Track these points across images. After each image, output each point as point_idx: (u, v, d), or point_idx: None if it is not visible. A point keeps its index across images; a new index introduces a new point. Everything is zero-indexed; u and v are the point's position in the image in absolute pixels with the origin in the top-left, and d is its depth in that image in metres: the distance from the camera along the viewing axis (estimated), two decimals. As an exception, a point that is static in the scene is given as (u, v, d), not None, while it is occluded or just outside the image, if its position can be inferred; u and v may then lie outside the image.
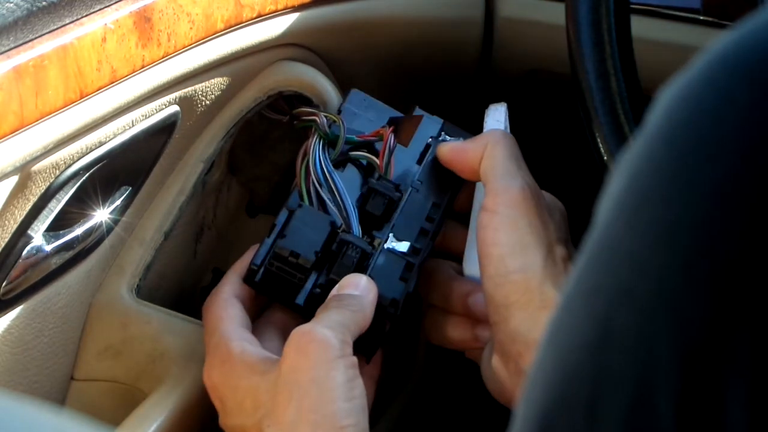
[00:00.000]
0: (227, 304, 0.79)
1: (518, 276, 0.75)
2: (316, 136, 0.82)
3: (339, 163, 0.83)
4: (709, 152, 0.36)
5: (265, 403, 0.72)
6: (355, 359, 0.72)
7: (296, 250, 0.77)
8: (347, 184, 0.82)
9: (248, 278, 0.79)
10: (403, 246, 0.80)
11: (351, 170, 0.83)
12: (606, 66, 0.79)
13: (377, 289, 0.77)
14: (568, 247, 0.79)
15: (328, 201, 0.80)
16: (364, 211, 0.81)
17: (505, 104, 0.85)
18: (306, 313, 0.78)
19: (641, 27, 0.86)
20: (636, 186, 0.38)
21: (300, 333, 0.72)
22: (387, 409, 1.15)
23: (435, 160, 0.84)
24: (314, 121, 0.83)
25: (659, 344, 0.35)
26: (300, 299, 0.78)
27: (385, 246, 0.79)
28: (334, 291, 0.77)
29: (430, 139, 0.86)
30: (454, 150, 0.82)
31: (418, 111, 0.87)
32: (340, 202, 0.80)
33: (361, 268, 0.78)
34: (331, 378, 0.70)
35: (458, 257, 0.85)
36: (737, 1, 0.94)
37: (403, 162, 0.84)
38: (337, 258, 0.78)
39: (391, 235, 0.80)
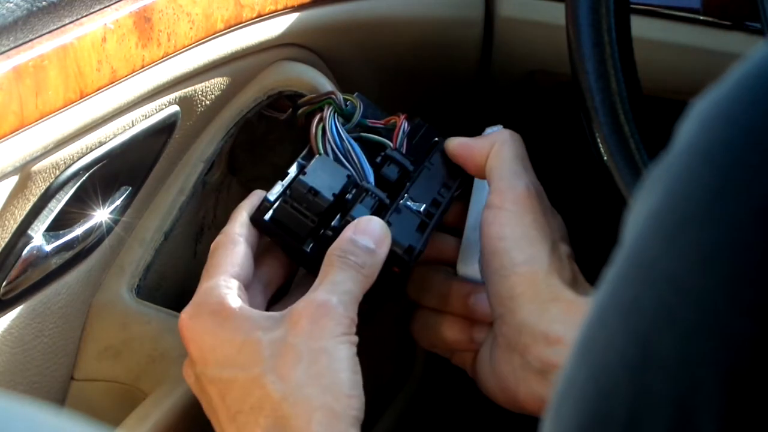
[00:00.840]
0: (234, 250, 0.77)
1: (524, 268, 0.75)
2: (331, 109, 0.83)
3: (356, 139, 0.84)
4: (752, 173, 0.35)
5: (266, 358, 0.71)
6: (357, 338, 0.73)
7: (316, 188, 0.76)
8: (365, 154, 0.82)
9: (256, 216, 0.78)
10: (419, 206, 0.80)
11: (367, 146, 0.84)
12: (606, 66, 0.79)
13: (390, 240, 0.76)
14: (570, 247, 0.79)
15: (343, 159, 0.80)
16: (379, 176, 0.81)
17: (500, 126, 0.86)
18: (310, 265, 0.77)
19: (641, 27, 0.86)
20: (675, 204, 0.37)
21: (316, 304, 0.72)
22: (387, 409, 1.15)
23: (443, 153, 0.85)
24: (331, 97, 0.83)
25: (702, 367, 0.35)
26: (308, 246, 0.77)
27: (401, 202, 0.79)
28: (348, 230, 0.75)
29: (437, 138, 0.86)
30: (462, 145, 0.83)
31: (419, 122, 0.88)
32: (356, 161, 0.80)
33: (381, 210, 0.78)
34: (341, 350, 0.71)
35: (449, 265, 0.85)
36: (737, 1, 0.94)
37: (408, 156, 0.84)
38: (355, 203, 0.77)
39: (406, 195, 0.80)
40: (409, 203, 0.80)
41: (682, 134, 0.38)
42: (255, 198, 0.79)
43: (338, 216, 0.78)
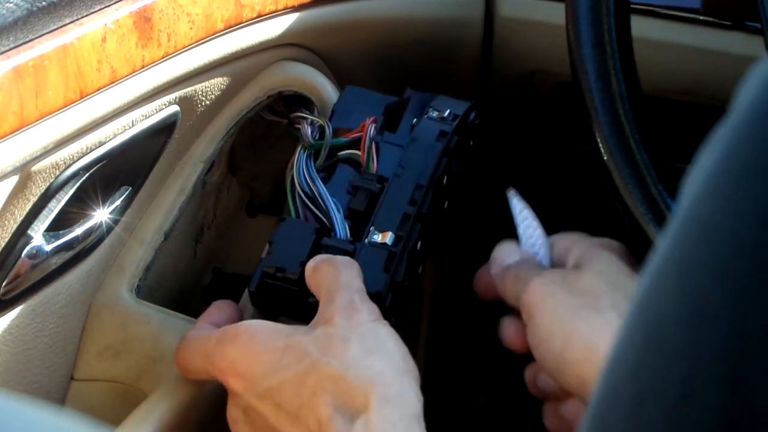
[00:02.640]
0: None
1: (570, 351, 0.74)
2: (300, 148, 0.83)
3: (331, 166, 0.83)
4: None
5: (313, 351, 0.71)
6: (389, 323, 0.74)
7: (281, 266, 0.78)
8: (339, 186, 0.82)
9: (255, 302, 0.80)
10: (387, 237, 0.80)
11: (344, 170, 0.83)
12: (606, 66, 0.79)
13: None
14: (627, 284, 0.77)
15: (313, 209, 0.80)
16: (351, 209, 0.81)
17: (513, 190, 0.84)
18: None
19: (641, 27, 0.86)
20: (735, 160, 0.37)
21: (342, 305, 0.73)
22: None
23: (416, 141, 0.84)
24: (298, 130, 0.84)
25: (755, 320, 0.35)
26: (312, 299, 0.78)
27: (366, 241, 0.79)
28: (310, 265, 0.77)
29: (415, 120, 0.85)
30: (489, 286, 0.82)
31: (409, 92, 0.87)
32: (324, 208, 0.80)
33: None
34: (382, 330, 0.73)
35: None
36: (737, 1, 0.94)
37: (391, 149, 0.84)
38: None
39: (372, 228, 0.80)
40: (375, 238, 0.79)
41: (742, 95, 0.38)
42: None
43: None
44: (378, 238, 0.79)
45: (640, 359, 0.38)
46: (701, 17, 0.96)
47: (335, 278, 0.75)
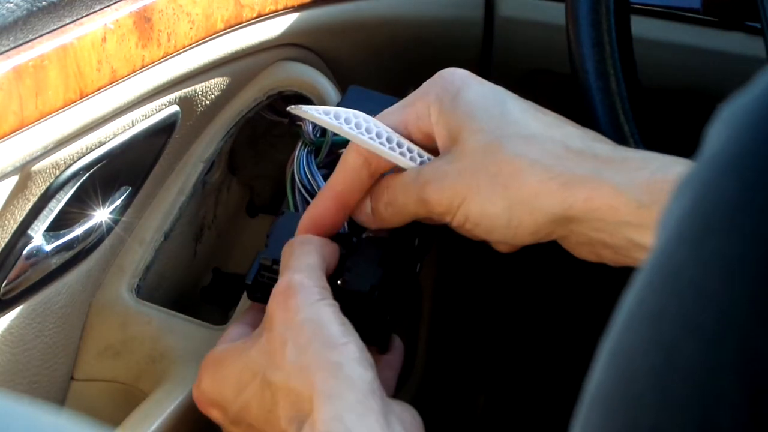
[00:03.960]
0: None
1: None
2: (301, 144, 0.83)
3: (332, 162, 0.84)
4: None
5: (260, 364, 0.71)
6: (335, 303, 0.72)
7: (277, 258, 0.78)
8: None
9: (251, 296, 0.80)
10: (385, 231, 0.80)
11: None
12: (606, 66, 0.79)
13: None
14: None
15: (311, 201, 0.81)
16: None
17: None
18: None
19: (641, 27, 0.86)
20: (701, 213, 0.37)
21: (281, 290, 0.72)
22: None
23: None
24: (299, 127, 0.84)
25: (725, 376, 0.35)
26: None
27: (363, 235, 0.79)
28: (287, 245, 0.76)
29: None
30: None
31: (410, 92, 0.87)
32: None
33: (344, 260, 0.78)
34: (320, 313, 0.70)
35: None
36: (737, 1, 0.94)
37: None
38: None
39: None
40: (370, 234, 0.80)
41: (710, 139, 0.38)
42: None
43: None
44: (371, 234, 0.79)
45: (610, 409, 0.38)
46: (701, 17, 0.96)
47: (287, 260, 0.74)
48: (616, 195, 0.68)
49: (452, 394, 1.25)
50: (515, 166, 0.70)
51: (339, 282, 0.76)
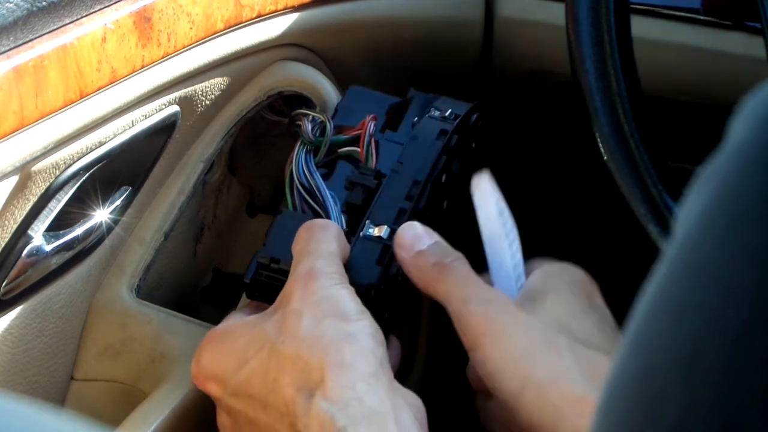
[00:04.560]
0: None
1: (525, 395, 0.71)
2: (300, 143, 0.83)
3: (331, 162, 0.84)
4: None
5: (271, 335, 0.71)
6: (352, 288, 0.73)
7: (276, 257, 0.78)
8: (338, 181, 0.82)
9: (249, 294, 0.80)
10: (382, 231, 0.80)
11: (343, 166, 0.83)
12: (606, 66, 0.79)
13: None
14: (583, 319, 0.75)
15: (311, 202, 0.81)
16: (348, 203, 0.81)
17: (488, 172, 0.80)
18: None
19: (641, 27, 0.86)
20: (726, 205, 0.36)
21: (302, 274, 0.72)
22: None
23: (416, 138, 0.84)
24: (299, 126, 0.84)
25: (751, 373, 0.34)
26: None
27: (361, 234, 0.79)
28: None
29: (416, 119, 0.85)
30: (399, 260, 0.77)
31: (412, 93, 0.87)
32: (321, 201, 0.81)
33: None
34: (338, 293, 0.71)
35: None
36: (737, 1, 0.94)
37: (392, 147, 0.84)
38: None
39: (368, 222, 0.80)
40: (370, 231, 0.80)
41: (733, 133, 0.38)
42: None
43: None
44: (373, 231, 0.79)
45: (632, 401, 0.38)
46: (701, 17, 0.96)
47: (306, 244, 0.75)
48: None
49: (452, 394, 1.25)
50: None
51: None
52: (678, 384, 0.36)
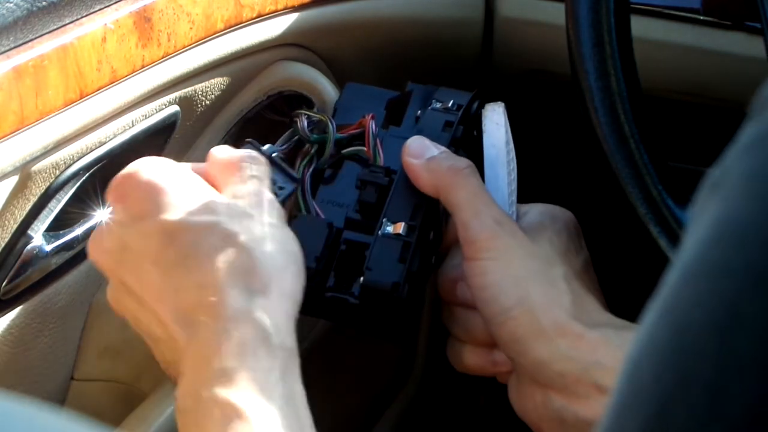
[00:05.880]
0: None
1: (517, 311, 0.73)
2: (299, 159, 0.82)
3: (337, 162, 0.83)
4: None
5: (222, 212, 0.68)
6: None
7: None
8: (347, 181, 0.82)
9: None
10: (400, 228, 0.80)
11: (350, 166, 0.83)
12: (606, 66, 0.79)
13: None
14: (573, 257, 0.77)
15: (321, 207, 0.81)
16: (362, 201, 0.81)
17: (503, 104, 0.82)
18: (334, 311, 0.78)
19: (641, 27, 0.86)
20: None
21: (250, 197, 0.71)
22: (387, 408, 1.15)
23: (422, 132, 0.84)
24: (295, 123, 0.83)
25: None
26: (329, 293, 0.78)
27: (380, 233, 0.79)
28: None
29: (419, 112, 0.85)
30: (409, 167, 0.79)
31: (410, 86, 0.87)
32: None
33: (362, 259, 0.78)
34: (287, 229, 0.71)
35: None
36: (737, 1, 0.94)
37: (397, 142, 0.84)
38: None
39: (384, 220, 0.80)
40: (388, 230, 0.79)
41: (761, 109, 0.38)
42: None
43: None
44: (391, 229, 0.79)
45: (664, 360, 0.37)
46: (701, 17, 0.96)
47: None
48: None
49: (452, 394, 1.25)
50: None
51: (361, 279, 0.76)
52: (716, 342, 0.36)
